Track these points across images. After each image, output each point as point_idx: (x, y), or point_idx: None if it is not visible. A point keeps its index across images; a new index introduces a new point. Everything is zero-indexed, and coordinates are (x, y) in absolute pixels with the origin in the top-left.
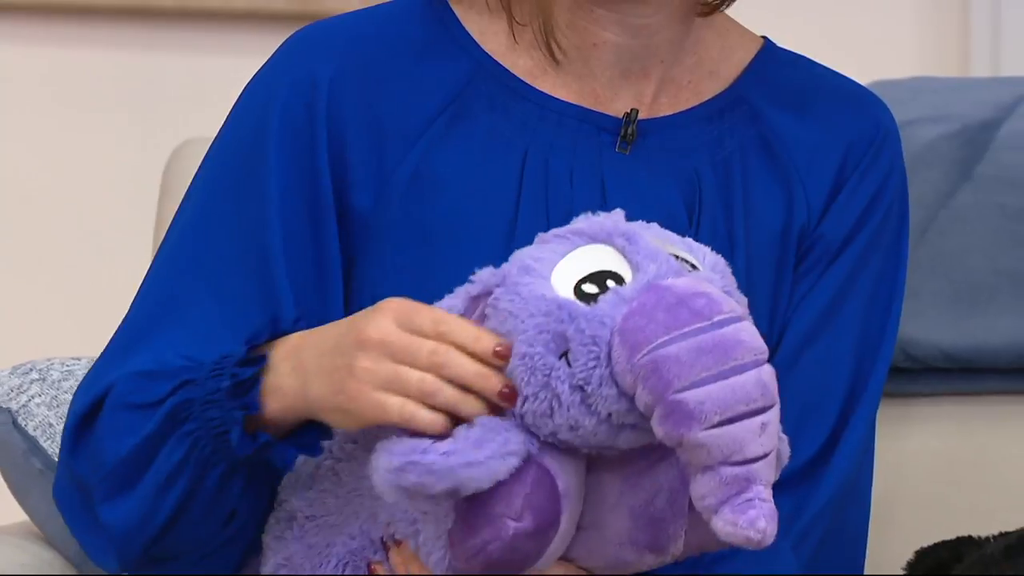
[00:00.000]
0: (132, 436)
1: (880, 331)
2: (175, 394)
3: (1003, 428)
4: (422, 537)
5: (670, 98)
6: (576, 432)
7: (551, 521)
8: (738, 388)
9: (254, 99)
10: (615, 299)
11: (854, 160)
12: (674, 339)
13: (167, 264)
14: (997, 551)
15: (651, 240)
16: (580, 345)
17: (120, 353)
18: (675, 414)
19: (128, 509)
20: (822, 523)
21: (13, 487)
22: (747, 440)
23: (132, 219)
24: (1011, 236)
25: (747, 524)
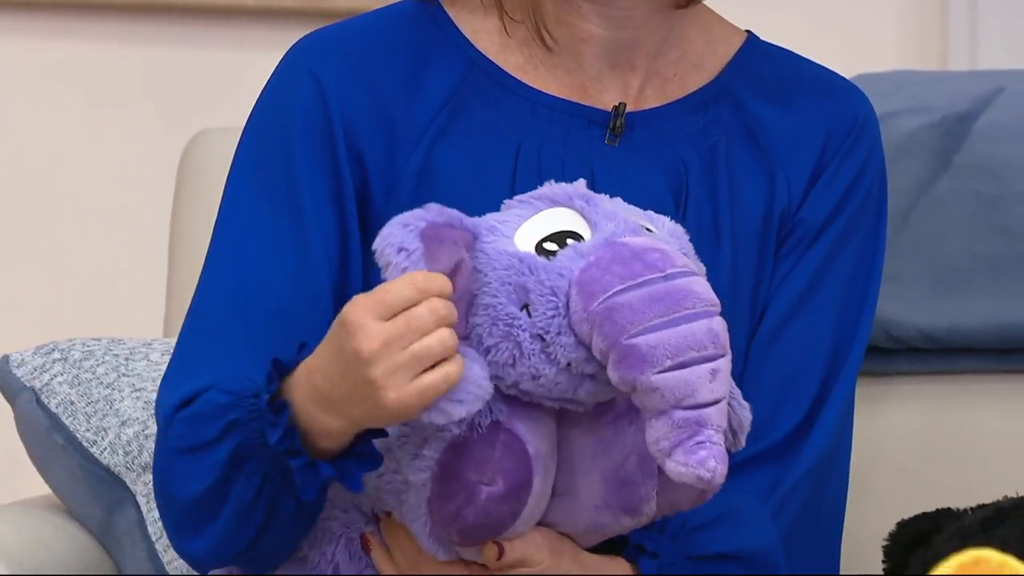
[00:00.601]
0: (199, 480)
1: (858, 310)
2: (227, 435)
3: (979, 405)
4: (405, 507)
5: (656, 90)
6: (537, 382)
7: (522, 484)
8: (689, 335)
9: (270, 111)
10: (573, 254)
11: (833, 147)
12: (628, 288)
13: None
14: (975, 522)
15: (610, 204)
16: (539, 296)
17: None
18: (628, 358)
19: (212, 542)
20: (801, 494)
21: (37, 462)
22: (698, 385)
23: (151, 206)
24: (987, 222)
25: (697, 463)
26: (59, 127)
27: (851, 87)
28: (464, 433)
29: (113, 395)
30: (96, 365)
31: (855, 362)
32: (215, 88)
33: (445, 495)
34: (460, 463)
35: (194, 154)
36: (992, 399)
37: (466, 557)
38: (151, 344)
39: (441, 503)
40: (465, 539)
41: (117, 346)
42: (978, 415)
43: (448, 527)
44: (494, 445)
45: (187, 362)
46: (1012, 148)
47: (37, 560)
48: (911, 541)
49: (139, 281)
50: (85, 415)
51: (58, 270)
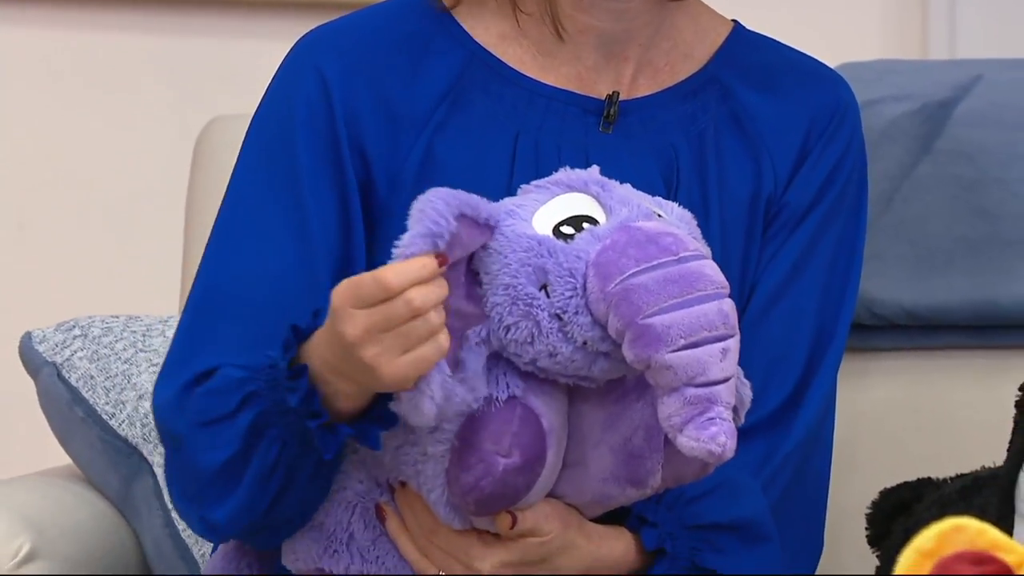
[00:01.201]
0: (221, 450)
1: (841, 289)
2: (245, 406)
3: (959, 379)
4: (422, 477)
5: (648, 79)
6: (554, 359)
7: (537, 456)
8: (701, 315)
9: (275, 105)
10: (590, 237)
11: (817, 133)
12: (643, 270)
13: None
14: (954, 491)
15: (623, 190)
16: (558, 277)
17: (191, 352)
18: (644, 337)
19: (234, 508)
20: (790, 467)
21: (58, 434)
22: (709, 363)
23: (167, 190)
24: (966, 205)
25: (709, 439)
26: (79, 114)
27: (833, 74)
28: (483, 407)
29: (131, 370)
30: (115, 341)
31: (840, 340)
32: (229, 76)
33: (463, 466)
34: (479, 436)
35: (208, 140)
36: (970, 373)
37: (479, 526)
38: (167, 321)
39: (459, 473)
40: (481, 508)
41: (135, 323)
42: (957, 389)
43: (465, 496)
44: (511, 419)
45: (187, 351)
46: (990, 134)
47: (59, 527)
48: (893, 509)
49: (156, 261)
50: (104, 389)
51: (79, 251)
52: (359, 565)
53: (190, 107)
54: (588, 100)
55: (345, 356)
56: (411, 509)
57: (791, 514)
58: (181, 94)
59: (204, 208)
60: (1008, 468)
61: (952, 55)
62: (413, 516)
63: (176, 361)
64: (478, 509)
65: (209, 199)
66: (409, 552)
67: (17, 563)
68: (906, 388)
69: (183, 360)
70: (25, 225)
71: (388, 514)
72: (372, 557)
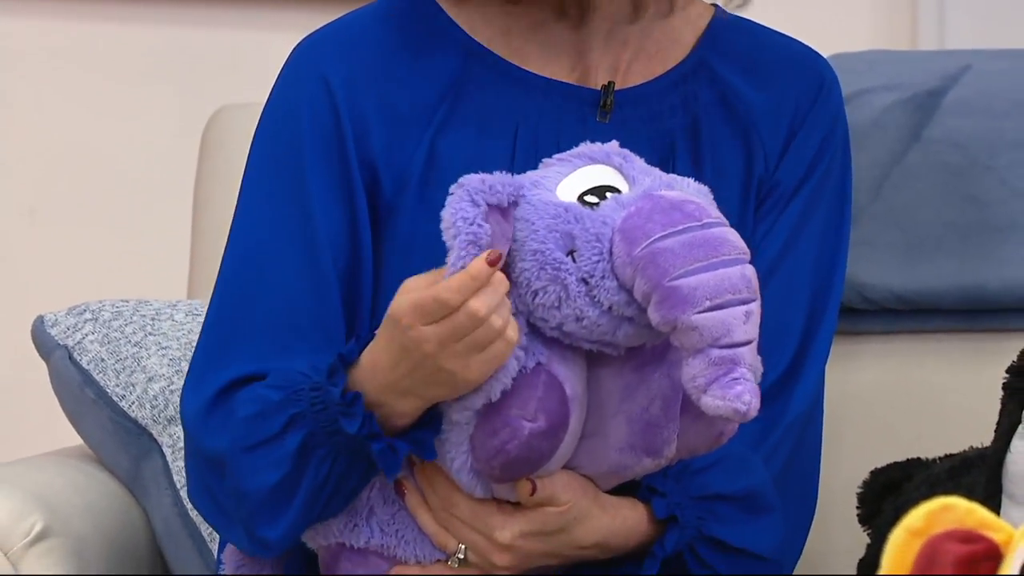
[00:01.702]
0: (271, 473)
1: (832, 261)
2: (291, 428)
3: (947, 361)
4: (447, 445)
5: (641, 66)
6: (581, 323)
7: (561, 422)
8: (725, 278)
9: (280, 112)
10: (615, 204)
11: (803, 112)
12: (669, 235)
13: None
14: (942, 471)
15: (642, 162)
16: (585, 242)
17: (212, 363)
18: (670, 299)
19: (287, 526)
20: (789, 441)
21: (70, 415)
22: (733, 325)
23: (176, 177)
24: (955, 192)
25: (734, 397)
26: (89, 104)
27: (813, 53)
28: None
29: (141, 353)
30: (125, 325)
31: (832, 311)
32: (236, 66)
33: (489, 431)
34: (505, 402)
35: (215, 129)
36: (958, 356)
37: (499, 495)
38: (176, 305)
39: (485, 438)
40: (505, 473)
41: (144, 307)
42: (945, 371)
43: (491, 461)
44: (537, 386)
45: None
46: (978, 122)
47: (71, 505)
48: (883, 488)
49: (164, 247)
50: (115, 371)
51: (89, 237)
52: (379, 538)
53: (197, 96)
54: (584, 91)
55: (418, 368)
56: (431, 483)
57: (790, 485)
58: (188, 83)
59: (211, 195)
60: (995, 449)
61: (941, 45)
62: (433, 489)
63: (201, 369)
64: (502, 474)
65: (216, 186)
66: (428, 525)
67: (30, 541)
68: (896, 371)
69: (207, 367)
70: (36, 211)
71: (408, 489)
72: (392, 531)
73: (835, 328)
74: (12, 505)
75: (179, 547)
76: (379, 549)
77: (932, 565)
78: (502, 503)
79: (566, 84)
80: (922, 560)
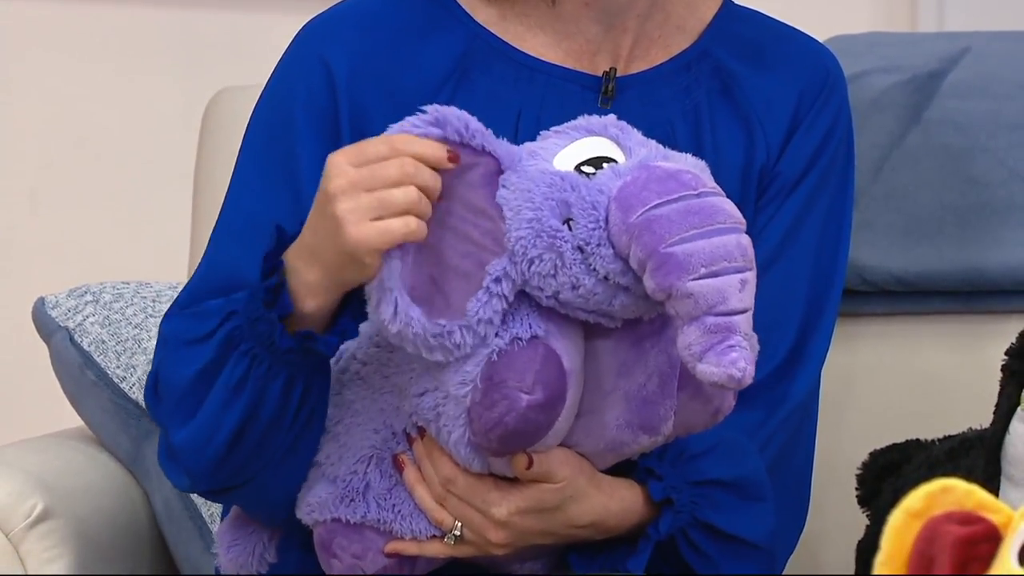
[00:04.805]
0: (192, 365)
1: (833, 255)
2: (224, 323)
3: (946, 343)
4: (444, 419)
5: (643, 52)
6: (577, 291)
7: (559, 395)
8: (721, 246)
9: (279, 92)
10: (611, 174)
11: (807, 104)
12: (665, 203)
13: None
14: (941, 453)
15: (640, 135)
16: (581, 211)
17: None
18: (666, 265)
19: (195, 429)
20: (786, 430)
21: (71, 396)
22: (729, 293)
23: (176, 159)
24: (955, 174)
25: (729, 363)
26: (89, 85)
27: (820, 46)
28: (506, 347)
29: (141, 335)
30: (125, 307)
31: (833, 305)
32: (237, 47)
33: (487, 403)
34: (503, 373)
35: (216, 110)
36: (957, 337)
37: (495, 470)
38: (176, 288)
39: (483, 411)
40: (503, 445)
41: (145, 289)
42: (944, 352)
43: (488, 434)
44: (534, 358)
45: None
46: (978, 104)
47: (71, 487)
48: (882, 470)
49: (165, 228)
50: (115, 353)
51: (90, 219)
52: (375, 513)
53: (198, 78)
54: (586, 77)
55: (319, 216)
56: (428, 458)
57: (784, 477)
58: (189, 65)
59: (212, 177)
60: (994, 430)
61: (941, 28)
62: (430, 465)
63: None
64: (500, 446)
65: (217, 169)
66: (425, 501)
67: (31, 522)
68: (895, 352)
69: (188, 307)
70: (37, 194)
71: (406, 464)
72: (388, 505)
73: (836, 321)
74: (13, 487)
75: (179, 528)
76: (375, 524)
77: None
78: (499, 479)
79: (568, 69)
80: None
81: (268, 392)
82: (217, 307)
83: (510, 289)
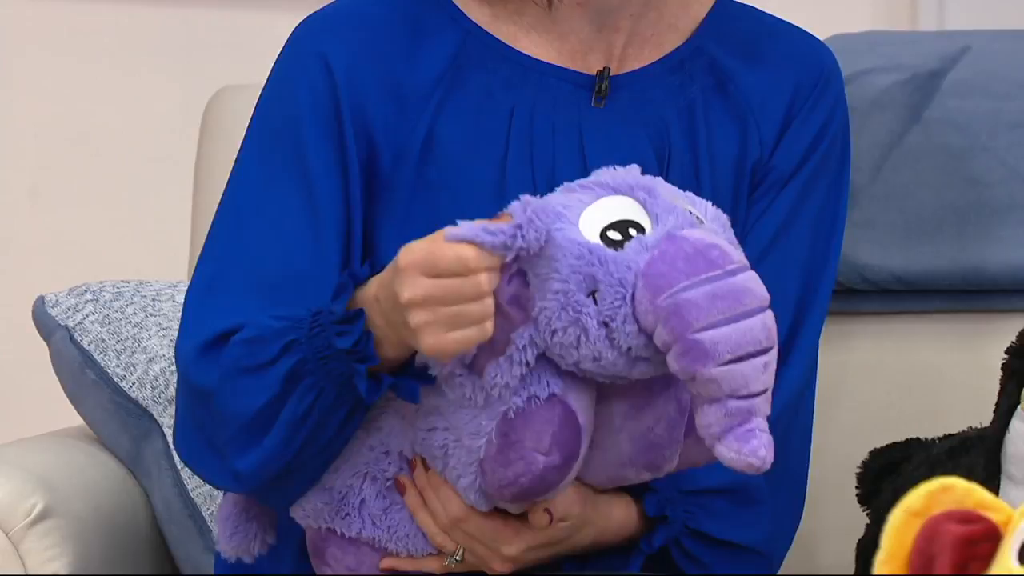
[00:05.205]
0: (257, 397)
1: (826, 250)
2: (286, 354)
3: (946, 341)
4: (452, 461)
5: (636, 50)
6: (598, 363)
7: (575, 454)
8: (747, 331)
9: (280, 90)
10: (639, 246)
11: (801, 99)
12: (693, 285)
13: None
14: (942, 452)
15: (666, 193)
16: (608, 286)
17: (209, 311)
18: (692, 352)
19: (260, 457)
20: (778, 430)
21: (71, 395)
22: (752, 377)
23: (176, 158)
24: (955, 173)
25: (749, 452)
26: (89, 83)
27: (816, 41)
28: (524, 405)
29: (141, 333)
30: (125, 306)
31: (823, 300)
32: (237, 46)
33: (503, 461)
34: (520, 433)
35: (216, 109)
36: (957, 336)
37: (503, 507)
38: (176, 286)
39: (497, 467)
40: (516, 500)
41: (145, 288)
42: (945, 351)
43: (502, 490)
44: (553, 418)
45: (205, 313)
46: (978, 103)
47: (71, 486)
48: (882, 469)
49: (165, 228)
50: (115, 352)
51: (90, 218)
52: (370, 531)
53: (198, 77)
54: (580, 75)
55: (394, 312)
56: (435, 491)
57: (779, 475)
58: (190, 63)
59: (212, 176)
60: (994, 429)
61: (941, 26)
62: (437, 499)
63: (195, 322)
64: (513, 500)
65: (217, 167)
66: (429, 526)
67: (31, 521)
68: (895, 351)
69: (202, 320)
70: (37, 192)
71: (409, 489)
72: (384, 526)
73: (825, 317)
74: (13, 486)
75: (179, 528)
76: (370, 541)
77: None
78: (508, 517)
79: (562, 68)
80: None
81: (331, 419)
82: (275, 331)
83: (533, 356)
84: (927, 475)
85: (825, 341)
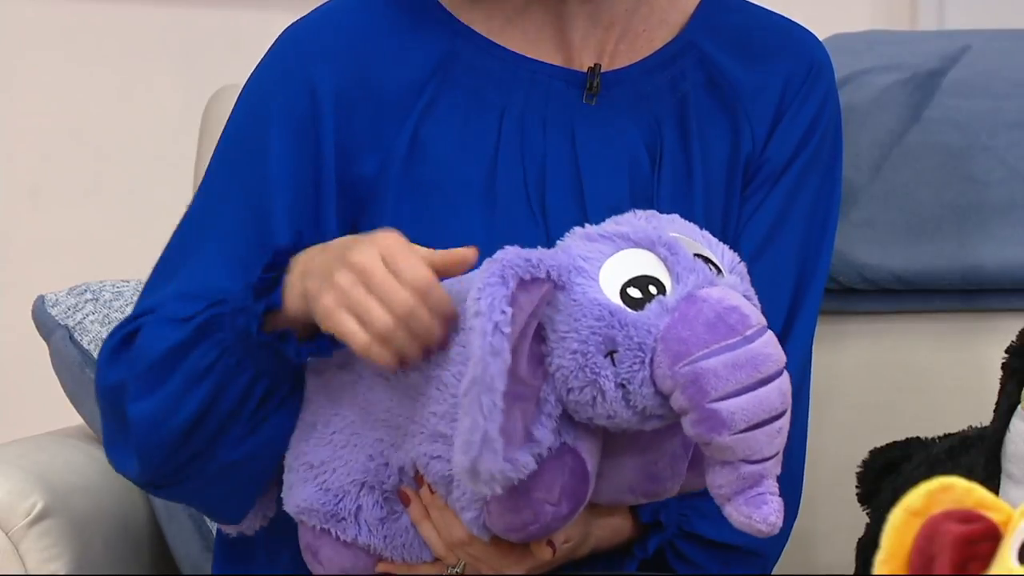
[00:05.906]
0: (166, 341)
1: (820, 242)
2: (208, 309)
3: (946, 341)
4: (455, 494)
5: (628, 47)
6: (612, 420)
7: (582, 501)
8: (764, 399)
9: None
10: (659, 309)
11: (792, 92)
12: (712, 353)
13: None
14: (942, 451)
15: (687, 249)
16: (627, 350)
17: (159, 285)
18: (709, 420)
19: (154, 404)
20: None
21: (70, 395)
22: (766, 443)
23: (176, 157)
24: (955, 172)
25: (760, 519)
26: (89, 83)
27: (806, 33)
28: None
29: None
30: (125, 305)
31: (817, 295)
32: (237, 46)
33: (511, 507)
34: (529, 483)
35: (216, 109)
36: (957, 336)
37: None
38: None
39: (505, 512)
40: (520, 541)
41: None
42: (945, 350)
43: (508, 533)
44: (563, 469)
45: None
46: (978, 103)
47: (70, 485)
48: (882, 468)
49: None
50: None
51: (91, 217)
52: (366, 538)
53: (198, 76)
54: (571, 73)
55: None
56: (440, 514)
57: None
58: (190, 63)
59: None
60: (994, 428)
61: (941, 26)
62: (443, 521)
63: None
64: (517, 541)
65: None
66: (432, 539)
67: (30, 520)
68: (895, 350)
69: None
70: (38, 192)
71: (413, 502)
72: (380, 536)
73: (819, 310)
74: (12, 485)
75: (179, 527)
76: (365, 547)
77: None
78: (512, 544)
79: (552, 66)
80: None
81: (232, 385)
82: (209, 292)
83: (560, 411)
84: (927, 474)
85: (824, 340)
